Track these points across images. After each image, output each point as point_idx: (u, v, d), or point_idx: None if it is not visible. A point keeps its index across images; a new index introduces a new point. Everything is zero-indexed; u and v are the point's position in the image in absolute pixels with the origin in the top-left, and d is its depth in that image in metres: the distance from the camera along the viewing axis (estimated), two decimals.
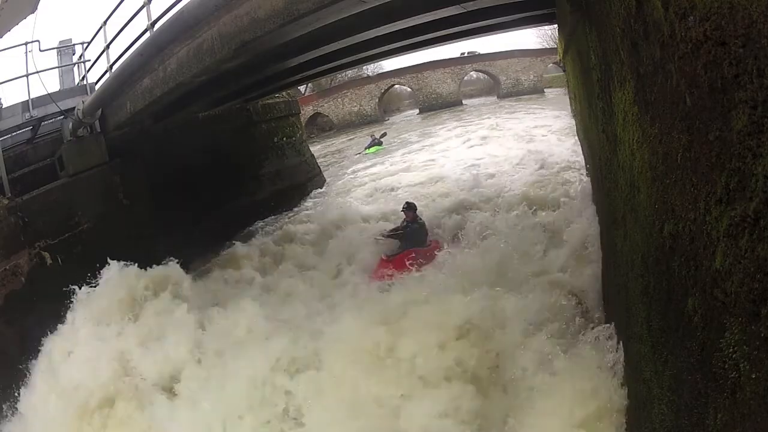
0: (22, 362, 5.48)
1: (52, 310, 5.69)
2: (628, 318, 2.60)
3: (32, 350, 5.55)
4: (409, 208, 6.96)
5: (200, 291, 6.28)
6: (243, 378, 4.44)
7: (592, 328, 3.78)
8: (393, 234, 6.91)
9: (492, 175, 9.55)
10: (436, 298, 4.64)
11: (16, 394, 5.31)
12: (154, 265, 6.15)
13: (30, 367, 5.47)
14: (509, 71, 30.95)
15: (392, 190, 10.59)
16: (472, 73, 34.44)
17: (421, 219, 7.02)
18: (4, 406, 5.32)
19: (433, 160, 13.18)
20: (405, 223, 6.94)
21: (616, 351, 3.06)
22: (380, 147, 17.54)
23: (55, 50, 8.34)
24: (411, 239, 6.73)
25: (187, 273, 6.45)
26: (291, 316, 5.35)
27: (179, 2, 5.49)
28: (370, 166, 14.50)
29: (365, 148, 17.78)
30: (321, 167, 13.97)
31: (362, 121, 30.34)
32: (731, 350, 1.22)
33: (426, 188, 9.91)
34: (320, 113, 32.02)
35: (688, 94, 1.36)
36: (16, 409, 5.26)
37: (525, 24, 8.39)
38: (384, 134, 19.88)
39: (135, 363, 5.01)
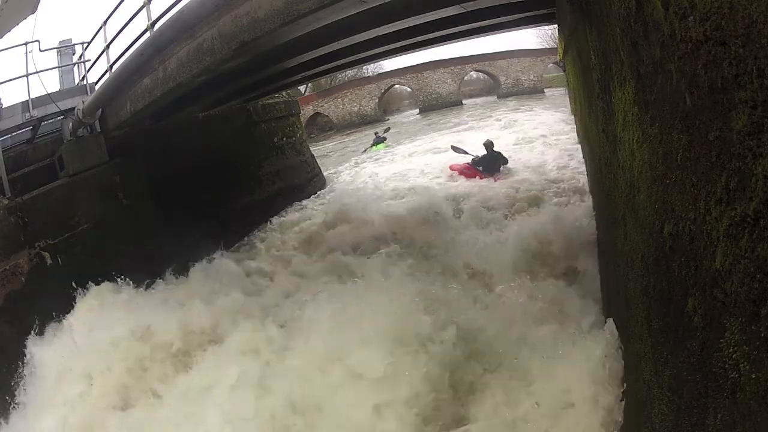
0: (21, 362, 5.46)
1: (52, 311, 5.69)
2: (628, 318, 2.59)
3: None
4: (489, 144, 10.01)
5: None
6: None
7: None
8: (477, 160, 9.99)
9: None
10: None
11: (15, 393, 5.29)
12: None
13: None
14: (509, 71, 30.94)
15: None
16: (472, 73, 34.44)
17: (498, 151, 9.94)
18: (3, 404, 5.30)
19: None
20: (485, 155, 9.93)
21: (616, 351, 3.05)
22: (385, 145, 17.52)
23: (55, 50, 8.36)
24: (493, 165, 9.70)
25: (187, 273, 6.44)
26: None
27: (179, 2, 5.49)
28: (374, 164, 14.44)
29: (371, 145, 17.82)
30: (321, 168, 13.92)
31: (362, 121, 30.36)
32: (731, 350, 1.21)
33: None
34: (320, 113, 32.01)
35: (688, 94, 1.36)
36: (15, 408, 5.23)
37: (525, 24, 8.38)
38: (387, 129, 19.84)
39: None
